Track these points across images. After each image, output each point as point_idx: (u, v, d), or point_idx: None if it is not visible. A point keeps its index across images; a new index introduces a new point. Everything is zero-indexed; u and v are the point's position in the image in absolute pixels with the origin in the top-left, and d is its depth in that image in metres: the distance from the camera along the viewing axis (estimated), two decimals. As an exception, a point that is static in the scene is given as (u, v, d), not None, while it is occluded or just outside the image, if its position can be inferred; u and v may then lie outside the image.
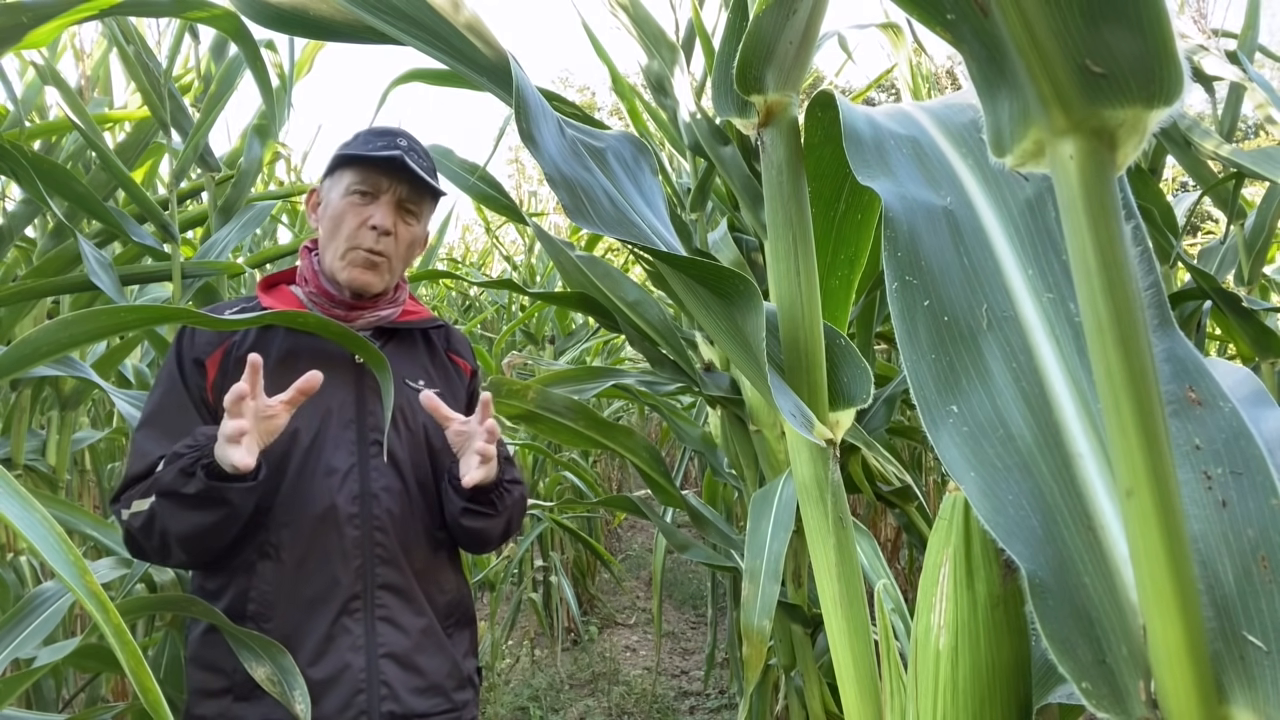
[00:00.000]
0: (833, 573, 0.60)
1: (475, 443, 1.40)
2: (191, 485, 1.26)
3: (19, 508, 0.63)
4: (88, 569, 0.61)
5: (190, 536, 1.31)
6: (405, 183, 1.49)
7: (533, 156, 0.55)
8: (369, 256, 1.47)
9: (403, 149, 1.48)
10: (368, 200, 1.48)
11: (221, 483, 1.27)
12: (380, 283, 1.51)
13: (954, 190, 0.56)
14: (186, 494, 1.27)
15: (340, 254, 1.48)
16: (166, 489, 1.29)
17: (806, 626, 2.16)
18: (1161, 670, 0.40)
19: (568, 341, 5.03)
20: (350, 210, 1.48)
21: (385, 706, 1.38)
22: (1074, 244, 0.39)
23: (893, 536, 4.10)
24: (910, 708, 0.53)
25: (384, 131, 1.53)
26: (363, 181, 1.48)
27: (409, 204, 1.51)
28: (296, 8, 0.62)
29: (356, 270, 1.48)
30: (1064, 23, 0.36)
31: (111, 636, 0.60)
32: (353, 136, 1.55)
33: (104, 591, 0.61)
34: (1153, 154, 2.53)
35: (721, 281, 0.60)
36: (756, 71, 0.59)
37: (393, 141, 1.49)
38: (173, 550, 1.34)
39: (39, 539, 0.60)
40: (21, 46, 1.49)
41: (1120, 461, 0.40)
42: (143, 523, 1.32)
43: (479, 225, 7.81)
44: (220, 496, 1.28)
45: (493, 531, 1.50)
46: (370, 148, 1.48)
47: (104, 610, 0.60)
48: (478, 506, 1.45)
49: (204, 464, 1.27)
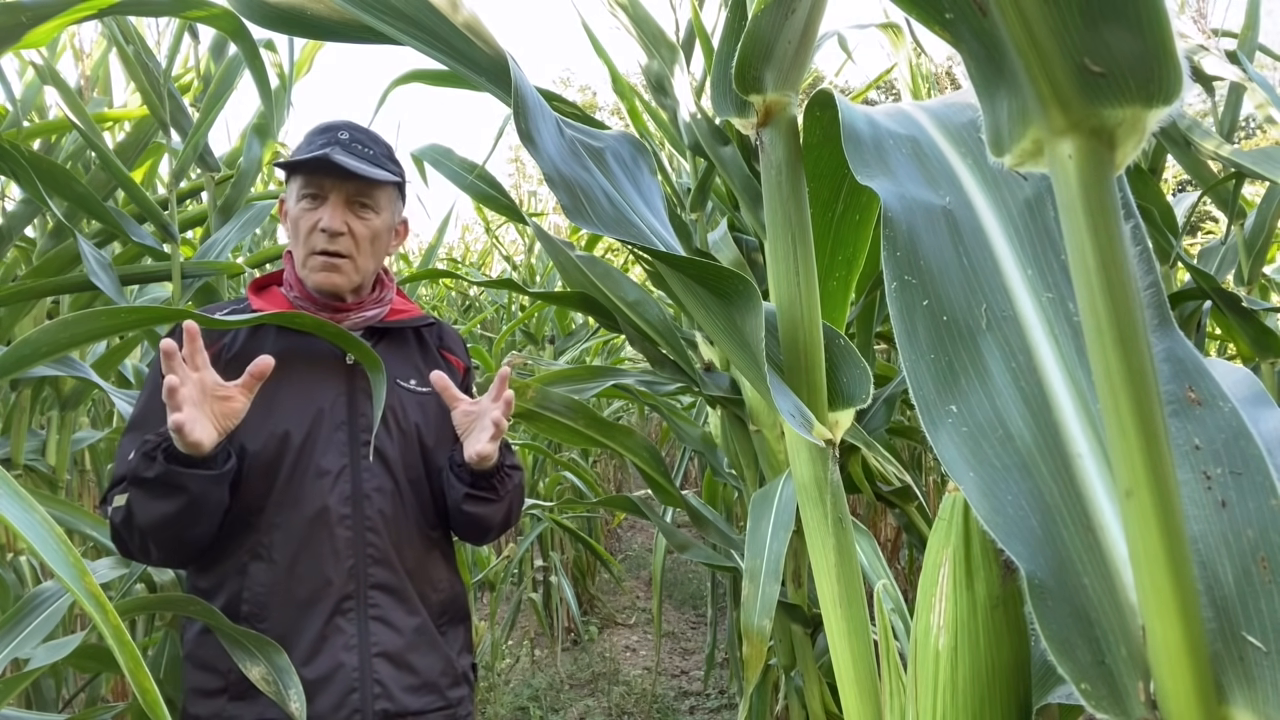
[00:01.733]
0: (832, 573, 0.60)
1: (492, 413, 1.40)
2: (152, 469, 1.26)
3: (18, 508, 0.63)
4: (87, 570, 0.61)
5: (155, 527, 1.30)
6: (348, 178, 1.46)
7: (531, 156, 0.55)
8: (326, 259, 1.47)
9: (342, 143, 1.46)
10: (318, 203, 1.47)
11: (180, 467, 1.26)
12: (346, 281, 1.49)
13: (953, 190, 0.56)
14: (147, 478, 1.26)
15: (302, 261, 1.48)
16: (132, 473, 1.29)
17: (806, 626, 2.16)
18: (1161, 671, 0.40)
19: (567, 341, 5.03)
20: (303, 215, 1.47)
21: (379, 705, 1.39)
22: (1073, 244, 0.39)
23: (893, 536, 4.09)
24: (910, 708, 0.53)
25: (325, 128, 1.50)
26: (308, 184, 1.47)
27: (360, 198, 1.49)
28: (294, 7, 0.62)
29: (319, 275, 1.48)
30: (1063, 22, 0.36)
31: (110, 638, 0.60)
32: (303, 138, 1.53)
33: (103, 592, 0.61)
34: (1153, 154, 2.52)
35: (720, 281, 0.60)
36: (755, 71, 0.59)
37: (332, 137, 1.47)
38: (149, 543, 1.33)
39: (38, 540, 0.60)
40: (20, 46, 1.48)
41: (1120, 462, 0.40)
42: (123, 517, 1.32)
43: (479, 225, 7.81)
44: (179, 482, 1.26)
45: (494, 518, 1.50)
46: (309, 149, 1.46)
47: (103, 611, 0.60)
48: (480, 492, 1.45)
49: (164, 448, 1.26)
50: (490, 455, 1.41)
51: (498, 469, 1.45)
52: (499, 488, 1.47)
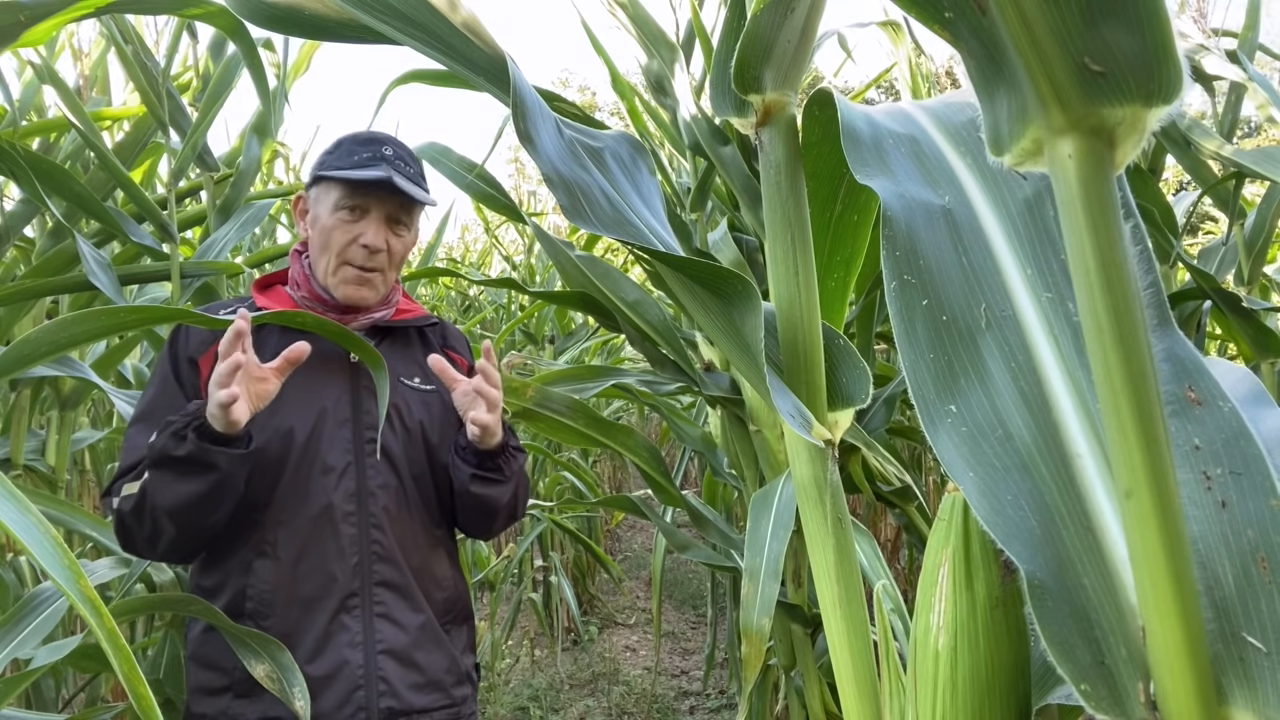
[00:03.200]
0: (831, 574, 0.60)
1: (480, 387, 1.40)
2: (183, 448, 1.26)
3: (15, 512, 0.63)
4: (83, 574, 0.61)
5: (180, 508, 1.30)
6: (393, 196, 1.47)
7: (530, 157, 0.54)
8: (360, 274, 1.47)
9: (388, 159, 1.46)
10: (357, 216, 1.46)
11: (213, 445, 1.27)
12: (375, 295, 1.51)
13: (952, 189, 0.56)
14: (177, 456, 1.27)
15: (332, 270, 1.48)
16: (158, 454, 1.29)
17: (806, 626, 2.16)
18: (1161, 672, 0.40)
19: (567, 341, 5.03)
20: (339, 226, 1.46)
21: (384, 703, 1.39)
22: (1073, 243, 0.39)
23: (893, 536, 4.09)
24: (909, 709, 0.53)
25: (367, 140, 1.49)
26: (352, 197, 1.46)
27: (400, 216, 1.50)
28: (291, 6, 0.61)
29: (350, 287, 1.48)
30: (1062, 20, 0.36)
31: (105, 642, 0.60)
32: (335, 145, 1.52)
33: (99, 596, 0.61)
34: (1152, 154, 2.52)
35: (719, 281, 0.60)
36: (754, 71, 0.58)
37: (378, 152, 1.46)
38: (163, 529, 1.33)
39: (34, 544, 0.60)
40: (19, 45, 1.48)
41: (1119, 462, 0.39)
42: (134, 505, 1.32)
43: (478, 225, 7.81)
44: (210, 460, 1.27)
45: (501, 499, 1.50)
46: (356, 160, 1.45)
47: (98, 615, 0.60)
48: (486, 472, 1.46)
49: (195, 426, 1.27)
50: (490, 426, 1.41)
51: (503, 448, 1.46)
52: (504, 468, 1.47)
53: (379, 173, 1.43)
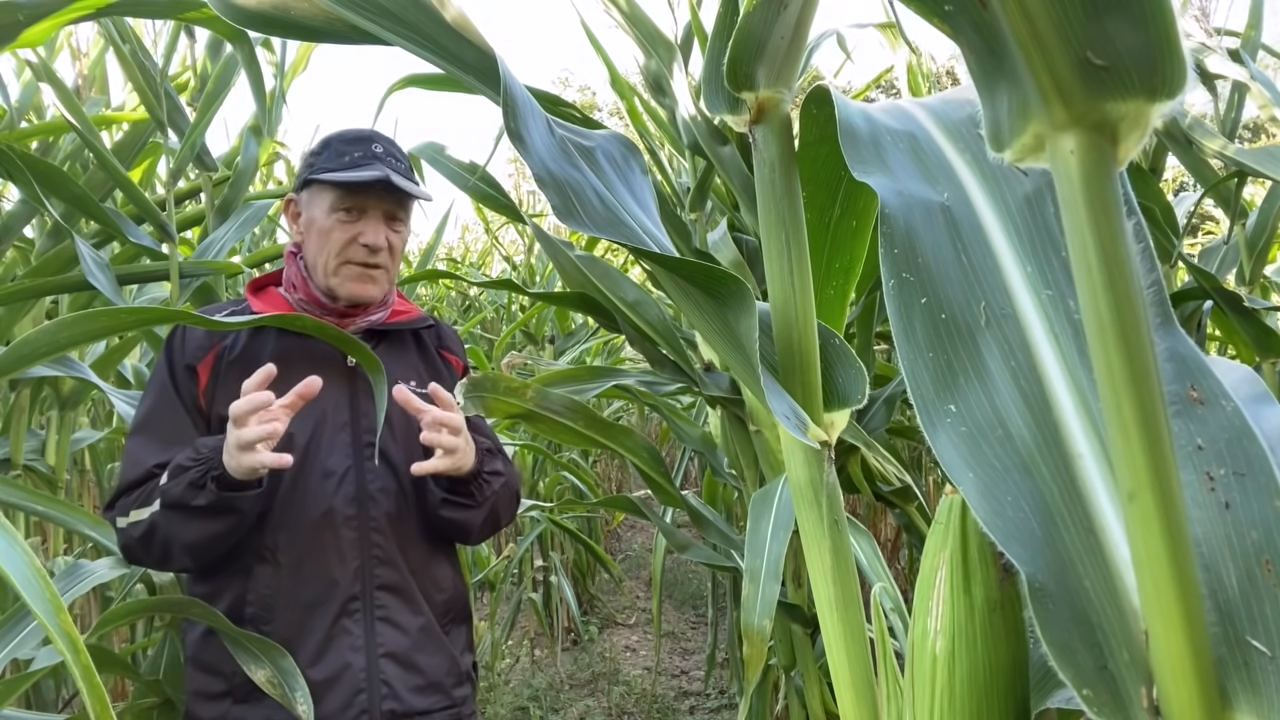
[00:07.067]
0: (828, 575, 0.59)
1: (429, 433, 1.37)
2: (202, 497, 1.27)
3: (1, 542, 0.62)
4: (63, 607, 0.60)
5: (198, 545, 1.33)
6: (391, 198, 1.47)
7: (521, 156, 0.54)
8: (363, 271, 1.47)
9: (380, 157, 1.45)
10: (355, 217, 1.46)
11: (233, 493, 1.28)
12: (380, 291, 1.51)
13: (952, 186, 0.55)
14: (196, 506, 1.28)
15: (333, 269, 1.47)
16: (175, 503, 1.29)
17: (806, 626, 2.15)
18: (1164, 676, 0.40)
19: (567, 342, 5.02)
20: (338, 227, 1.46)
21: (386, 705, 1.39)
22: (1074, 240, 0.38)
23: (893, 537, 4.09)
24: (907, 712, 0.52)
25: (357, 139, 1.48)
26: (348, 198, 1.45)
27: (396, 213, 1.50)
28: (278, 8, 0.61)
29: (354, 284, 1.47)
30: (1064, 14, 0.35)
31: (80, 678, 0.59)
32: (322, 146, 1.50)
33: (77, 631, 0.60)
34: (1153, 153, 2.52)
35: (713, 282, 0.59)
36: (747, 68, 0.58)
37: (369, 151, 1.46)
38: (175, 558, 1.35)
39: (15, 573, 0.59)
40: (17, 45, 1.48)
41: (1122, 463, 0.39)
42: (142, 533, 1.32)
43: (478, 225, 7.80)
44: (231, 506, 1.29)
45: (473, 523, 1.49)
46: (347, 161, 1.45)
47: (75, 651, 0.59)
48: (455, 497, 1.45)
49: (213, 475, 1.27)
50: (449, 468, 1.38)
51: (475, 475, 1.44)
52: (476, 494, 1.46)
53: (375, 173, 1.42)
